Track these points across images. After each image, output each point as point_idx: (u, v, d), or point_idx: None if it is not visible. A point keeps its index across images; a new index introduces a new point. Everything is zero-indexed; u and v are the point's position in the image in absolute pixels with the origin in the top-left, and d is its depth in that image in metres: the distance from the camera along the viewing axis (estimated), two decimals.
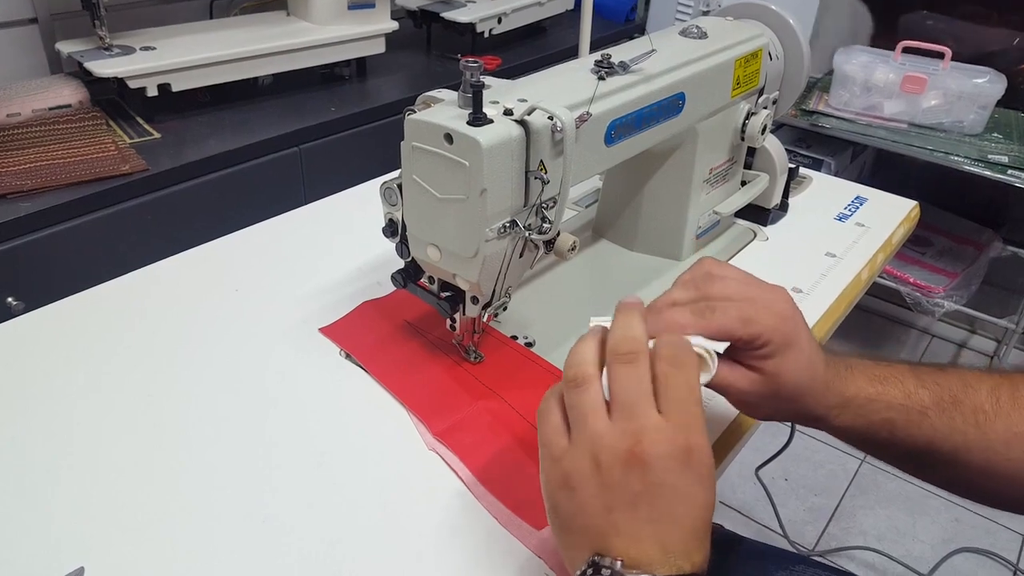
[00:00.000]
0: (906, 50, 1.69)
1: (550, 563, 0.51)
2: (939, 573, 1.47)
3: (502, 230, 0.57)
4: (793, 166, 0.95)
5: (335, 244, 0.87)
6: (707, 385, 0.49)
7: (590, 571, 0.39)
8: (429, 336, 0.72)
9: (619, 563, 0.39)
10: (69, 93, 1.33)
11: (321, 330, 0.73)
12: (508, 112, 0.56)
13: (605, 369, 0.44)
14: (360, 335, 0.72)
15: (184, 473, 0.57)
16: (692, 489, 0.41)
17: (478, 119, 0.54)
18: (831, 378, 0.52)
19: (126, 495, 0.55)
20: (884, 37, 1.96)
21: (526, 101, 0.57)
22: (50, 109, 1.30)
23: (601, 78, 0.63)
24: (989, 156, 1.61)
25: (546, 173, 0.58)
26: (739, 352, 0.50)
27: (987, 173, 1.57)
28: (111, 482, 0.56)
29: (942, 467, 0.53)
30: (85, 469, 0.57)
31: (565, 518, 0.43)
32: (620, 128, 0.65)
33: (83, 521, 0.53)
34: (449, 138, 0.54)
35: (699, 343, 0.47)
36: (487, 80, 0.60)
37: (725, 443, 0.62)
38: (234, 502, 0.55)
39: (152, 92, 1.31)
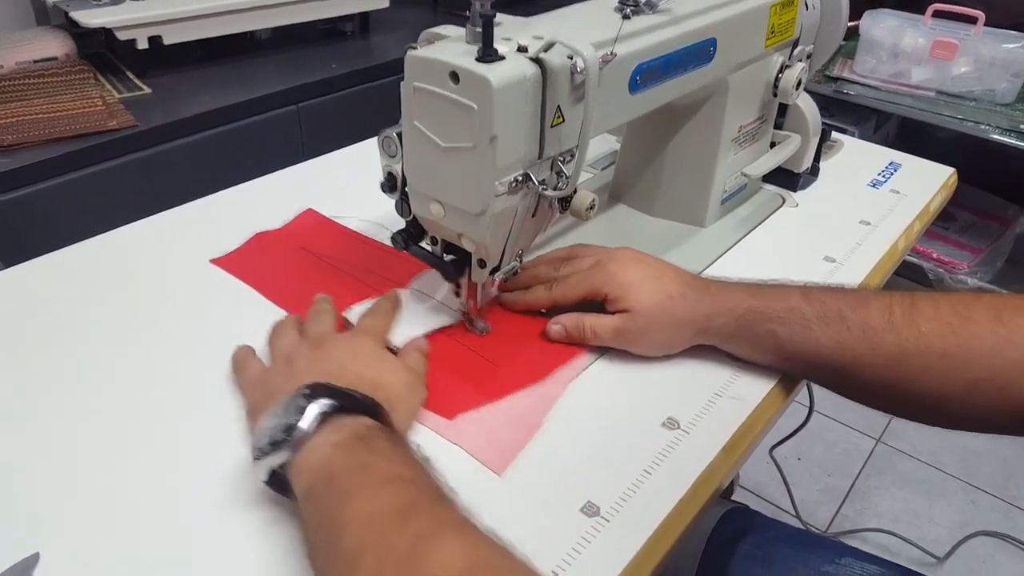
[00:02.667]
0: (936, 14, 1.61)
1: (466, 446, 0.53)
2: (955, 556, 1.42)
3: (513, 184, 0.51)
4: (825, 128, 0.88)
5: (331, 203, 0.81)
6: (609, 343, 0.60)
7: (302, 393, 0.45)
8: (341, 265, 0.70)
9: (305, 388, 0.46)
10: (55, 45, 1.27)
11: (212, 261, 0.71)
12: (522, 49, 0.49)
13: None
14: (259, 265, 0.71)
15: (149, 453, 0.52)
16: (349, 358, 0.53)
17: (488, 55, 0.47)
18: (699, 295, 0.58)
19: (85, 476, 0.50)
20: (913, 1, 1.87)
21: (542, 38, 0.50)
22: (35, 62, 1.24)
23: (626, 17, 0.57)
24: (1021, 126, 1.53)
25: (563, 122, 0.51)
26: (607, 308, 0.60)
27: (1019, 143, 1.50)
28: (70, 463, 0.51)
29: (839, 381, 0.57)
30: (43, 449, 0.52)
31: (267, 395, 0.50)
32: (646, 74, 0.58)
33: (39, 504, 0.48)
34: (455, 77, 0.48)
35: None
36: (499, 17, 0.54)
37: (749, 429, 0.57)
38: (201, 484, 0.50)
39: (142, 45, 1.24)
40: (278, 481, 0.45)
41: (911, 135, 1.95)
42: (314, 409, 0.44)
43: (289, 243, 0.74)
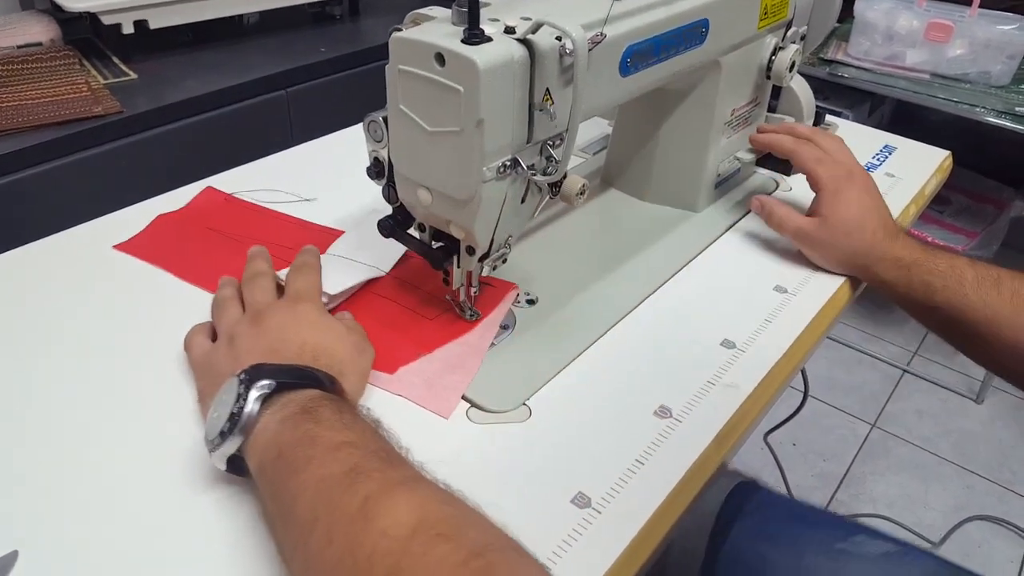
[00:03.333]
0: None
1: (410, 396, 0.55)
2: (951, 541, 1.42)
3: (501, 170, 0.50)
4: (819, 111, 0.87)
5: (319, 190, 0.80)
6: (789, 236, 0.70)
7: (239, 379, 0.45)
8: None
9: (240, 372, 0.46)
10: (40, 30, 1.24)
11: (116, 247, 0.69)
12: (510, 30, 0.48)
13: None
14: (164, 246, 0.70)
15: (129, 448, 0.51)
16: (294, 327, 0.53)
17: (474, 37, 0.46)
18: (881, 235, 0.65)
19: (65, 470, 0.49)
20: None
21: (530, 19, 0.49)
22: (19, 47, 1.21)
23: None
24: (1016, 109, 1.52)
25: (553, 104, 0.50)
26: (811, 206, 0.70)
27: (1015, 126, 1.49)
28: (49, 457, 0.50)
29: (973, 338, 0.61)
30: (15, 445, 0.51)
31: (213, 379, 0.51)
32: (637, 55, 0.57)
33: (16, 501, 0.47)
34: (440, 59, 0.46)
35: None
36: None
37: (742, 418, 0.56)
38: (183, 477, 0.49)
39: (128, 29, 1.22)
40: (236, 464, 0.46)
41: (906, 118, 1.94)
42: (254, 393, 0.44)
43: (196, 223, 0.73)
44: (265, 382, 0.45)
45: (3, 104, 1.08)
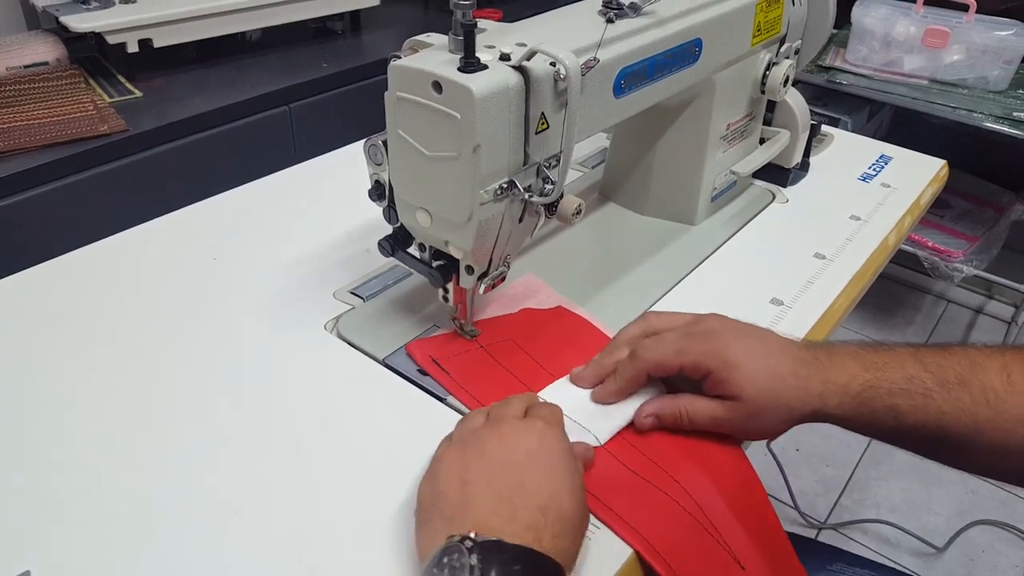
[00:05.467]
0: (928, 1, 1.60)
1: None
2: (955, 546, 1.42)
3: (499, 192, 0.51)
4: (815, 123, 0.88)
5: (322, 208, 0.81)
6: (705, 428, 0.53)
7: (454, 546, 0.39)
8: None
9: (472, 533, 0.40)
10: (46, 50, 1.26)
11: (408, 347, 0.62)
12: (505, 57, 0.49)
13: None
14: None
15: (145, 464, 0.52)
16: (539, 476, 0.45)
17: (470, 65, 0.47)
18: (810, 372, 0.52)
19: (78, 490, 0.50)
20: None
21: (525, 45, 0.50)
22: (26, 67, 1.23)
23: (610, 20, 0.56)
24: (1014, 113, 1.53)
25: (548, 128, 0.51)
26: (705, 386, 0.53)
27: (1012, 131, 1.49)
28: (62, 476, 0.51)
29: (956, 449, 0.52)
30: (34, 462, 0.52)
31: (436, 495, 0.45)
32: (631, 77, 0.58)
33: (30, 520, 0.48)
34: (438, 87, 0.48)
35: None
36: (482, 24, 0.54)
37: None
38: (200, 495, 0.50)
39: (133, 48, 1.24)
40: None
41: (905, 123, 1.94)
42: None
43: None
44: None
45: (10, 124, 1.09)
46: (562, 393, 0.56)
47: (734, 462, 0.54)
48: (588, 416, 0.54)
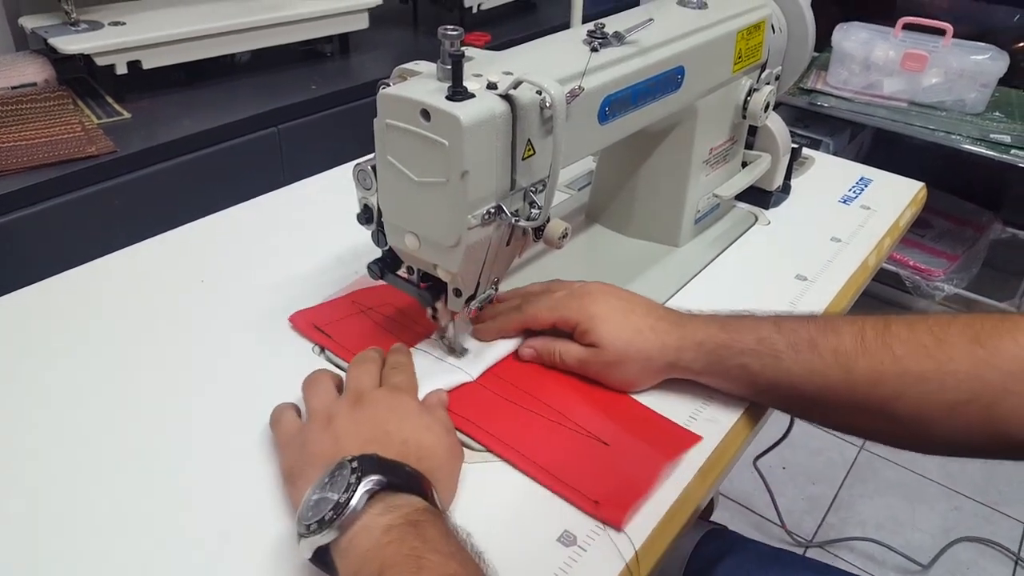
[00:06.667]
0: (906, 27, 1.63)
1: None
2: (940, 563, 1.43)
3: (486, 216, 0.52)
4: (796, 146, 0.89)
5: (311, 230, 0.82)
6: (575, 370, 0.61)
7: (336, 464, 0.44)
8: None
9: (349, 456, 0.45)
10: (34, 71, 1.26)
11: (291, 317, 0.67)
12: (492, 86, 0.50)
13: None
14: (336, 323, 0.67)
15: (132, 486, 0.52)
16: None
17: (458, 93, 0.48)
18: (668, 328, 0.58)
19: (66, 510, 0.50)
20: (883, 14, 1.91)
21: (512, 74, 0.51)
22: (13, 88, 1.23)
23: (594, 49, 0.58)
24: (991, 135, 1.56)
25: (534, 154, 0.52)
26: (575, 338, 0.60)
27: (989, 153, 1.53)
28: (51, 497, 0.51)
29: (812, 407, 0.56)
30: (22, 481, 0.52)
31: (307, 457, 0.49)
32: (615, 104, 0.59)
33: (16, 542, 0.48)
34: (426, 114, 0.49)
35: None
36: (470, 52, 0.55)
37: (724, 452, 0.58)
38: (189, 517, 0.50)
39: (122, 70, 1.24)
40: (320, 555, 0.43)
41: (886, 144, 1.98)
42: (364, 486, 0.42)
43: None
44: (375, 477, 0.43)
45: None
46: (428, 348, 0.64)
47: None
48: (461, 360, 0.62)
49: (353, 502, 0.42)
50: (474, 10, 1.67)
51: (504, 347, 0.63)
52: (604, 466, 0.54)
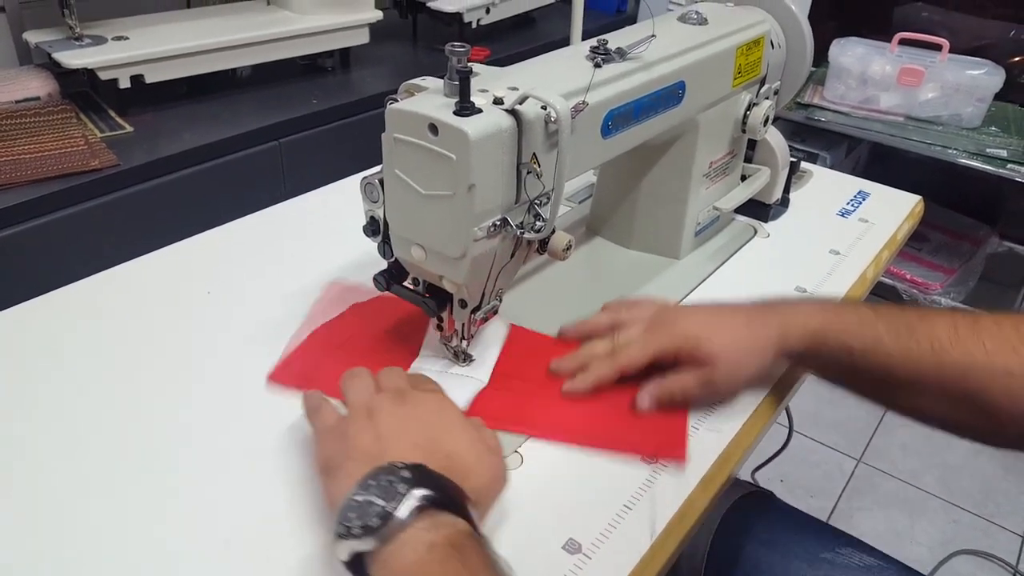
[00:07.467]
0: (903, 42, 1.65)
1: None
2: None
3: (492, 229, 0.53)
4: (794, 160, 0.90)
5: (316, 243, 0.82)
6: (700, 399, 0.61)
7: (384, 468, 0.43)
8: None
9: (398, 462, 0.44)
10: (37, 85, 1.27)
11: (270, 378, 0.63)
12: (498, 101, 0.51)
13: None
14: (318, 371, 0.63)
15: (140, 497, 0.53)
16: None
17: (465, 108, 0.49)
18: (765, 319, 0.59)
19: (72, 524, 0.51)
20: (879, 29, 1.93)
21: (517, 89, 0.52)
22: (17, 102, 1.24)
23: (597, 65, 0.59)
24: (987, 150, 1.58)
25: (539, 167, 0.53)
26: (680, 364, 0.60)
27: (986, 167, 1.54)
28: (55, 508, 0.52)
29: (903, 395, 0.57)
30: (27, 490, 0.53)
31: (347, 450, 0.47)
32: (618, 119, 0.60)
33: (19, 549, 0.49)
34: (434, 129, 0.49)
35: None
36: (476, 67, 0.56)
37: (726, 461, 0.58)
38: (195, 525, 0.50)
39: (124, 84, 1.25)
40: (354, 559, 0.42)
41: (882, 158, 2.00)
42: (413, 500, 0.41)
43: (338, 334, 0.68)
44: (426, 492, 0.41)
45: (1, 159, 1.10)
46: (426, 364, 0.64)
47: None
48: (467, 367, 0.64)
49: (402, 515, 0.40)
50: (474, 25, 1.68)
51: (498, 346, 0.65)
52: (635, 418, 0.59)
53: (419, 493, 0.41)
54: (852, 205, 0.95)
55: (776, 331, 0.59)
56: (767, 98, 0.82)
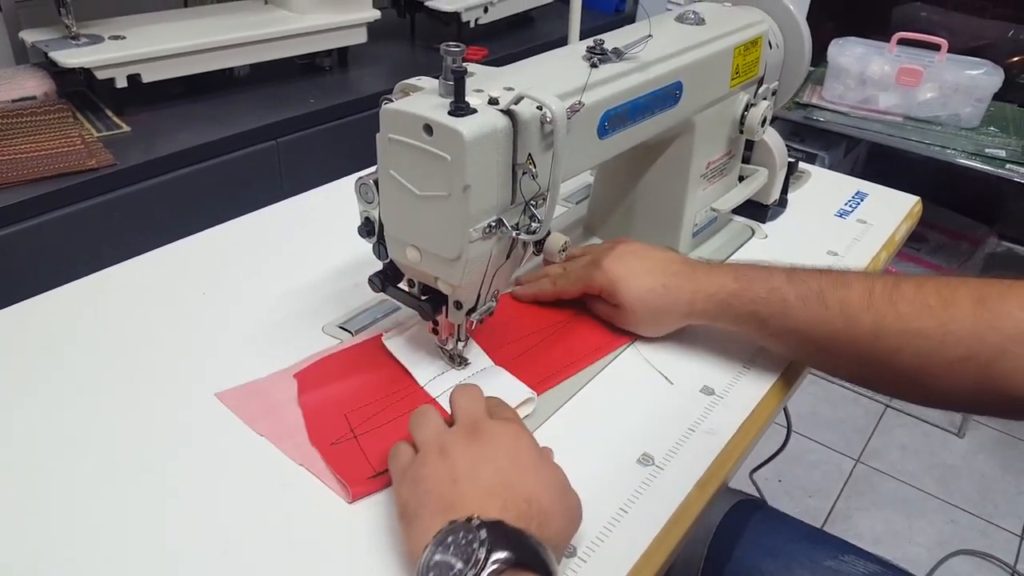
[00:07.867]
0: (901, 42, 1.65)
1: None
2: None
3: (487, 230, 0.53)
4: (792, 160, 0.90)
5: (311, 243, 0.82)
6: (606, 318, 0.69)
7: (459, 526, 0.41)
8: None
9: (474, 515, 0.42)
10: (34, 84, 1.27)
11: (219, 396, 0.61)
12: (493, 101, 0.51)
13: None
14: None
15: (134, 499, 0.52)
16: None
17: (460, 109, 0.49)
18: (680, 284, 0.64)
19: (66, 524, 0.50)
20: (878, 29, 1.93)
21: (513, 89, 0.52)
22: (13, 101, 1.23)
23: (594, 65, 0.58)
24: (986, 150, 1.57)
25: (535, 168, 0.53)
26: (603, 299, 0.68)
27: (984, 167, 1.54)
28: (51, 507, 0.51)
29: (822, 355, 0.61)
30: (25, 490, 0.52)
31: (420, 496, 0.46)
32: (614, 119, 0.60)
33: (19, 553, 0.48)
34: (429, 129, 0.49)
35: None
36: (471, 67, 0.56)
37: (723, 463, 0.58)
38: (188, 528, 0.50)
39: (121, 83, 1.25)
40: None
41: (881, 158, 1.99)
42: (491, 564, 0.39)
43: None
44: (504, 555, 0.40)
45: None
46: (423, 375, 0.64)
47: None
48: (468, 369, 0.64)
49: None
50: (471, 25, 1.68)
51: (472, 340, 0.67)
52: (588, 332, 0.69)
53: (498, 556, 0.40)
54: (850, 206, 0.95)
55: (687, 297, 0.63)
56: (765, 98, 0.81)
